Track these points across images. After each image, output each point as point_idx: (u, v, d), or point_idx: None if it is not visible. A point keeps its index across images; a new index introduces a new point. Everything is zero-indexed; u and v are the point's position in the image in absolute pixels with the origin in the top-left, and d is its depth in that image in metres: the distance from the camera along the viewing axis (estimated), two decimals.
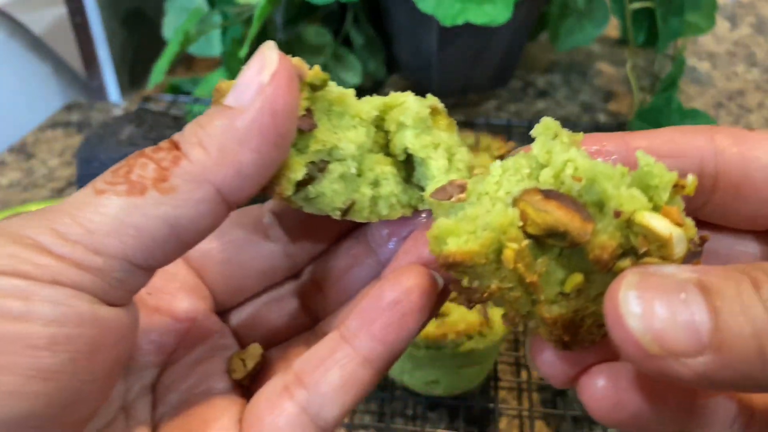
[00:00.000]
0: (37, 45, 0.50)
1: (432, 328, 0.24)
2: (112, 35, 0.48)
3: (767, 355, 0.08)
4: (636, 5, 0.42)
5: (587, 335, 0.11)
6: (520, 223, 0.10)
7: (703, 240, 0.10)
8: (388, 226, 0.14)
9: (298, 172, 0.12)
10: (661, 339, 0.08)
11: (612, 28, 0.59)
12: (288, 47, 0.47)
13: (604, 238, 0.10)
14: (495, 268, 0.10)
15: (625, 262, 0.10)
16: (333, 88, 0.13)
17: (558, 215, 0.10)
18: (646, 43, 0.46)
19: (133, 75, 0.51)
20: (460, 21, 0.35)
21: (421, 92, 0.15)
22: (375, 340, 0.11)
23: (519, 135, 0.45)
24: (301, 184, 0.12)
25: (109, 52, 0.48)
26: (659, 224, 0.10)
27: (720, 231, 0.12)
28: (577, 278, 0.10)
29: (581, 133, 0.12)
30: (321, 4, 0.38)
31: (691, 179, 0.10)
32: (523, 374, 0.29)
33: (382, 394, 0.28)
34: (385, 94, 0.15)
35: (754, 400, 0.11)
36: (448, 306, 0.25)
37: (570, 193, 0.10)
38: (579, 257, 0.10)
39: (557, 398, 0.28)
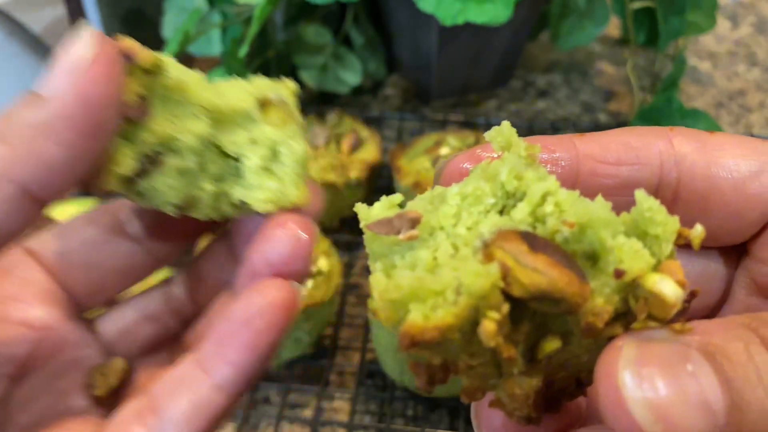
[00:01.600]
0: (36, 45, 0.50)
1: None
2: (111, 34, 0.47)
3: None
4: (637, 5, 0.42)
5: (554, 403, 0.09)
6: (501, 284, 0.08)
7: (692, 295, 0.08)
8: (250, 225, 0.12)
9: (124, 166, 0.11)
10: (671, 424, 0.07)
11: (613, 27, 0.59)
12: (288, 47, 0.47)
13: (600, 303, 0.08)
14: (466, 342, 0.08)
15: (615, 328, 0.08)
16: (172, 73, 0.11)
17: (553, 276, 0.08)
18: (646, 43, 0.46)
19: None
20: (460, 20, 0.35)
21: (421, 92, 0.13)
22: (227, 365, 0.10)
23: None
24: (131, 178, 0.11)
25: None
26: (670, 290, 0.08)
27: (682, 250, 0.11)
28: (554, 344, 0.09)
29: (538, 146, 0.10)
30: (321, 3, 0.38)
31: (699, 230, 0.08)
32: None
33: (383, 394, 0.28)
34: (385, 94, 0.14)
35: None
36: None
37: (554, 239, 0.08)
38: (556, 319, 0.09)
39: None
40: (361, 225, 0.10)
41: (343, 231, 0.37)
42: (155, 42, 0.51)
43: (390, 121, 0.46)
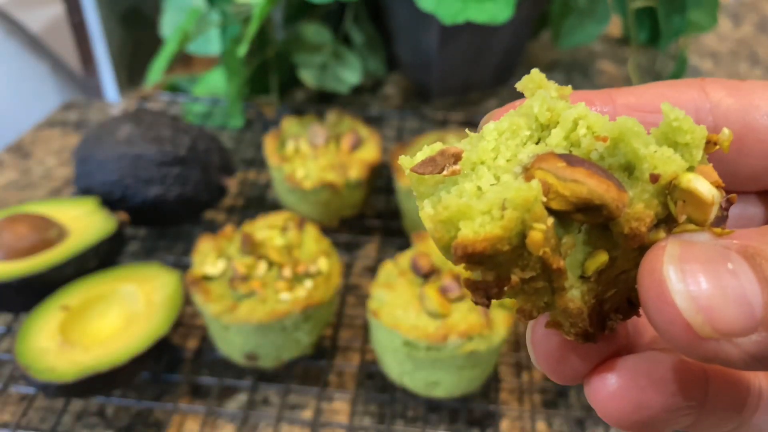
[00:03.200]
0: (34, 44, 0.49)
1: (432, 329, 0.24)
2: (109, 34, 0.47)
3: None
4: (638, 4, 0.42)
5: (608, 323, 0.09)
6: (544, 198, 0.08)
7: (729, 203, 0.09)
8: None
9: None
10: (714, 319, 0.07)
11: (614, 26, 0.59)
12: (287, 46, 0.47)
13: (640, 208, 0.08)
14: (517, 255, 0.09)
15: (659, 233, 0.09)
16: None
17: (592, 185, 0.08)
18: (648, 42, 0.46)
19: (130, 74, 0.51)
20: (460, 19, 0.35)
21: (421, 91, 0.13)
22: None
23: None
24: None
25: (106, 50, 0.47)
26: (705, 188, 0.08)
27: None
28: (602, 258, 0.09)
29: (569, 87, 0.10)
30: (320, 2, 0.38)
31: (727, 133, 0.09)
32: (524, 376, 0.29)
33: (383, 395, 0.28)
34: (385, 93, 0.14)
35: None
36: (449, 307, 0.25)
37: (589, 158, 0.09)
38: (600, 233, 0.09)
39: (558, 399, 0.28)
40: (406, 172, 0.10)
41: (342, 231, 0.37)
42: (153, 40, 0.51)
43: (390, 121, 0.46)
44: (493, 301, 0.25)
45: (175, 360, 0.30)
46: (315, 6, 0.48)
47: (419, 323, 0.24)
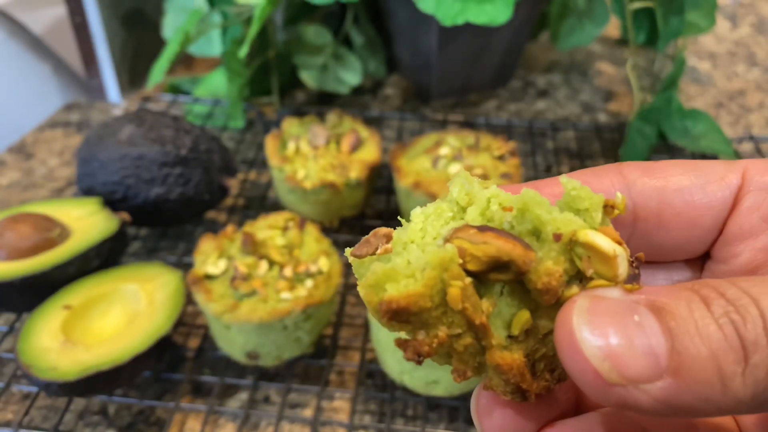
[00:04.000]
0: (36, 45, 0.50)
1: None
2: (111, 35, 0.48)
3: (725, 376, 0.08)
4: (636, 5, 0.42)
5: (543, 382, 0.10)
6: (460, 261, 0.09)
7: (638, 260, 0.10)
8: None
9: None
10: (620, 366, 0.08)
11: (612, 27, 0.59)
12: (288, 47, 0.47)
13: (549, 264, 0.09)
14: (441, 313, 0.10)
15: (572, 289, 0.09)
16: None
17: (499, 245, 0.09)
18: (646, 43, 0.46)
19: (132, 75, 0.51)
20: (460, 21, 0.35)
21: (421, 92, 0.14)
22: None
23: (519, 135, 0.45)
24: None
25: (108, 51, 0.48)
26: (603, 242, 0.09)
27: (650, 266, 0.12)
28: (524, 315, 0.10)
29: (490, 181, 0.11)
30: (321, 3, 0.38)
31: (620, 197, 0.10)
32: None
33: (383, 394, 0.28)
34: (385, 94, 0.14)
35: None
36: None
37: (502, 227, 0.10)
38: (521, 294, 0.10)
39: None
40: (349, 259, 0.11)
41: (343, 231, 0.37)
42: (155, 42, 0.51)
43: (390, 121, 0.46)
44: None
45: (177, 359, 0.30)
46: (315, 7, 0.49)
47: None
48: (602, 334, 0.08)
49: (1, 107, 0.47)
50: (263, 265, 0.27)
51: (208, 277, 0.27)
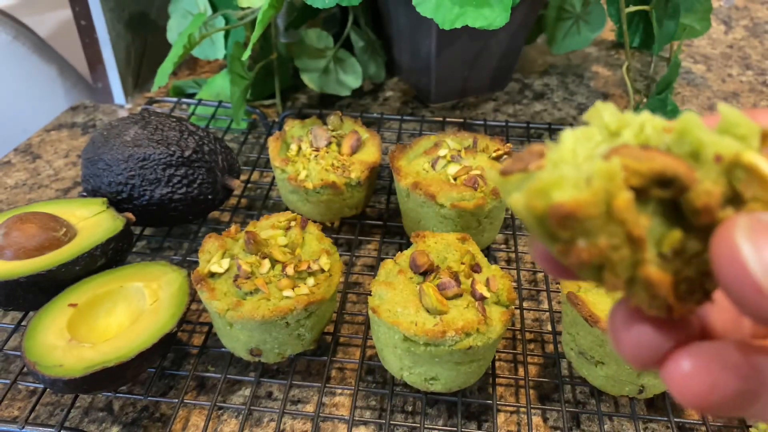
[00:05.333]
0: (42, 47, 0.50)
1: (431, 325, 0.25)
2: (116, 38, 0.48)
3: None
4: (632, 8, 0.43)
5: (684, 303, 0.10)
6: (623, 174, 0.09)
7: None
8: None
9: None
10: None
11: (608, 31, 0.60)
12: (290, 50, 0.48)
13: (709, 184, 0.09)
14: (603, 223, 0.09)
15: (727, 212, 0.09)
16: None
17: (664, 160, 0.09)
18: (641, 46, 0.47)
19: (137, 77, 0.52)
20: (458, 24, 0.36)
21: (420, 94, 0.14)
22: None
23: (517, 136, 0.46)
24: None
25: (113, 54, 0.48)
26: (765, 165, 0.09)
27: None
28: (676, 235, 0.10)
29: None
30: (322, 7, 0.39)
31: None
32: (521, 371, 0.30)
33: (383, 390, 0.28)
34: (385, 96, 0.14)
35: None
36: (447, 304, 0.25)
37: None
38: (673, 216, 0.10)
39: (554, 394, 0.29)
40: (497, 176, 0.11)
41: (344, 230, 0.38)
42: (159, 45, 0.52)
43: (390, 123, 0.47)
44: (490, 299, 0.26)
45: (181, 356, 0.30)
46: (317, 12, 0.49)
47: (418, 320, 0.25)
48: (763, 249, 0.08)
49: (7, 109, 0.48)
50: (266, 264, 0.28)
51: (212, 275, 0.28)
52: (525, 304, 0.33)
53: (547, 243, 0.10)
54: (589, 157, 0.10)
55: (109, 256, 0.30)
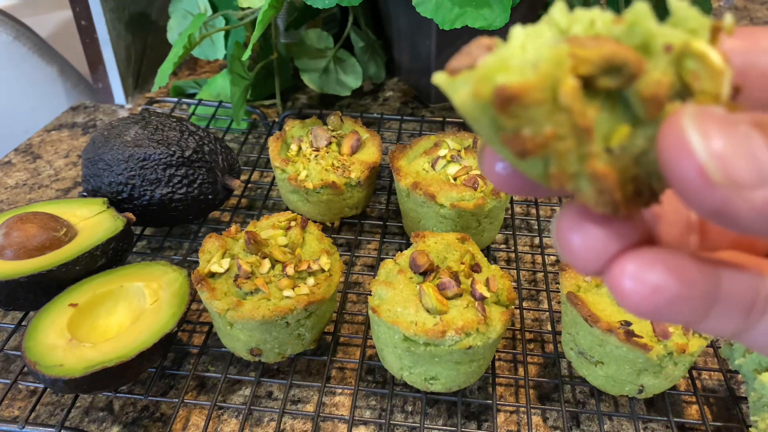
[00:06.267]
0: (43, 47, 0.50)
1: (431, 325, 0.25)
2: (117, 38, 0.48)
3: None
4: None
5: (631, 200, 0.10)
6: (569, 61, 0.09)
7: (736, 90, 0.09)
8: None
9: None
10: (726, 167, 0.08)
11: None
12: (290, 50, 0.48)
13: (657, 74, 0.09)
14: (548, 111, 0.09)
15: (675, 105, 0.09)
16: None
17: (613, 47, 0.09)
18: None
19: (137, 77, 0.52)
20: (458, 25, 0.36)
21: (420, 95, 0.14)
22: None
23: None
24: None
25: (114, 54, 0.48)
26: (715, 55, 0.09)
27: None
28: (624, 129, 0.09)
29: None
30: (322, 7, 0.39)
31: (728, 19, 0.10)
32: (521, 371, 0.30)
33: (383, 390, 0.28)
34: (385, 97, 0.14)
35: None
36: (447, 304, 0.25)
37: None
38: (621, 111, 0.10)
39: (553, 394, 0.29)
40: (444, 76, 0.10)
41: (344, 230, 0.38)
42: (160, 45, 0.52)
43: (390, 123, 0.47)
44: (490, 299, 0.26)
45: (181, 356, 0.30)
46: (317, 12, 0.49)
47: (418, 319, 0.25)
48: (710, 137, 0.08)
49: (8, 109, 0.48)
50: (266, 264, 0.28)
51: (212, 275, 0.28)
52: (525, 304, 0.33)
53: (492, 138, 0.10)
54: (537, 49, 0.10)
55: (110, 256, 0.30)
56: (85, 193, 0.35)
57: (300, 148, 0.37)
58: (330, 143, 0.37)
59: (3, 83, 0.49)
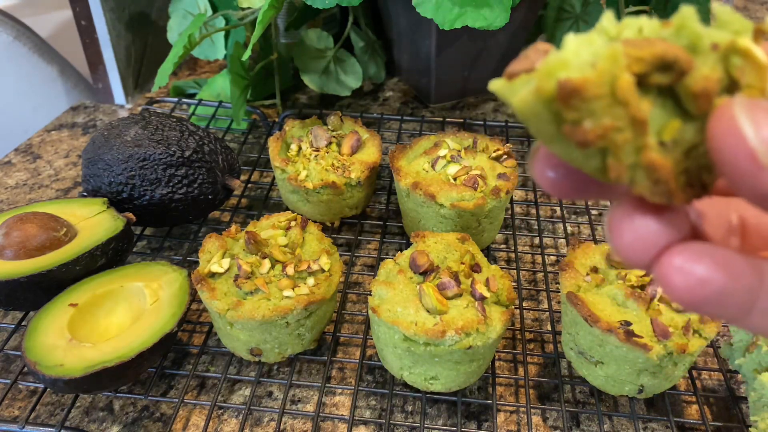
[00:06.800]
0: (43, 47, 0.51)
1: (431, 325, 0.25)
2: (117, 38, 0.48)
3: None
4: (632, 9, 0.43)
5: (683, 191, 0.10)
6: (624, 60, 0.10)
7: None
8: None
9: None
10: None
11: None
12: (290, 50, 0.48)
13: (706, 70, 0.10)
14: (607, 105, 0.10)
15: (724, 98, 0.10)
16: None
17: (663, 46, 0.10)
18: None
19: (137, 77, 0.52)
20: (458, 25, 0.36)
21: (420, 95, 0.15)
22: None
23: (516, 136, 0.46)
24: None
25: (114, 54, 0.48)
26: (759, 51, 0.10)
27: None
28: (676, 123, 0.10)
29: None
30: (322, 7, 0.39)
31: None
32: (521, 371, 0.30)
33: (383, 390, 0.28)
34: (385, 97, 0.14)
35: None
36: (447, 304, 0.25)
37: None
38: (673, 106, 0.10)
39: (553, 394, 0.29)
40: (503, 81, 0.11)
41: (344, 230, 0.38)
42: (160, 45, 0.52)
43: (390, 123, 0.47)
44: (490, 299, 0.26)
45: (182, 355, 0.30)
46: (317, 12, 0.49)
47: (418, 319, 0.25)
48: (761, 125, 0.09)
49: (8, 109, 0.48)
50: (266, 264, 0.28)
51: (212, 275, 0.28)
52: (525, 304, 0.33)
53: (552, 134, 0.10)
54: (595, 49, 0.10)
55: (110, 256, 0.30)
56: (85, 193, 0.35)
57: (300, 148, 0.37)
58: (330, 143, 0.37)
59: (3, 83, 0.49)
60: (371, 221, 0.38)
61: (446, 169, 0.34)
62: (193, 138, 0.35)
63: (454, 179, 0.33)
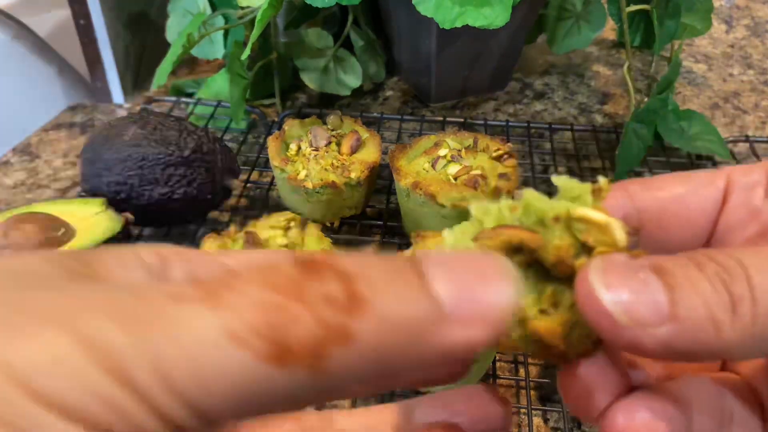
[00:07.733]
0: (41, 47, 0.50)
1: None
2: (115, 38, 0.48)
3: (717, 321, 0.10)
4: (633, 8, 0.42)
5: (580, 345, 0.11)
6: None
7: (635, 230, 0.11)
8: None
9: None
10: (630, 311, 0.10)
11: (609, 30, 0.60)
12: (289, 49, 0.48)
13: (556, 241, 0.11)
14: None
15: (582, 259, 0.11)
16: None
17: (507, 232, 0.11)
18: (642, 46, 0.47)
19: (136, 77, 0.52)
20: (458, 24, 0.36)
21: (420, 94, 0.15)
22: None
23: (517, 136, 0.46)
24: None
25: (112, 54, 0.48)
26: (593, 213, 0.11)
27: None
28: (548, 289, 0.12)
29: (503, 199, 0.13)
30: (322, 6, 0.39)
31: (602, 180, 0.12)
32: (521, 372, 0.30)
33: (383, 391, 0.28)
34: (385, 96, 0.15)
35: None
36: None
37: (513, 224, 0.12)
38: (544, 276, 0.12)
39: (554, 395, 0.29)
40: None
41: (343, 230, 0.38)
42: (159, 44, 0.52)
43: (390, 123, 0.47)
44: None
45: None
46: (316, 11, 0.49)
47: None
48: (614, 287, 0.10)
49: (5, 109, 0.48)
50: None
51: None
52: None
53: None
54: (465, 247, 0.12)
55: None
56: (83, 193, 0.35)
57: (299, 148, 0.37)
58: (330, 143, 0.37)
59: (1, 83, 0.49)
60: (371, 221, 0.38)
61: (447, 169, 0.34)
62: (192, 137, 0.34)
63: (455, 179, 0.33)
